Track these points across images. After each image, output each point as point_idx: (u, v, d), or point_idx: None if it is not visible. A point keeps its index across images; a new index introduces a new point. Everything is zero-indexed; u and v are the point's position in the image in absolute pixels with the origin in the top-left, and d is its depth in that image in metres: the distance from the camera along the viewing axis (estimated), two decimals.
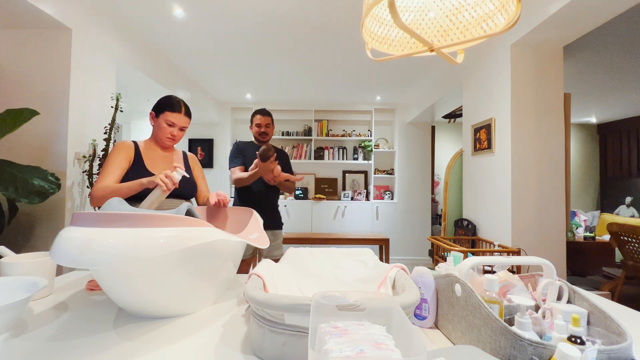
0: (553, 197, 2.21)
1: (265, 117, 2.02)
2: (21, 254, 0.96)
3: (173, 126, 1.28)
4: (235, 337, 0.66)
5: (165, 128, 1.27)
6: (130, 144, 1.27)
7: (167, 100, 1.29)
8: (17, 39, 1.90)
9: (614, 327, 0.54)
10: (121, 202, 0.87)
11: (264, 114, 2.02)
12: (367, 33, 0.89)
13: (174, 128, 1.29)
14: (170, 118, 1.27)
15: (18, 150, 1.86)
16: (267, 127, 2.02)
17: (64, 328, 0.70)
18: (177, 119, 1.28)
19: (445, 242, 2.49)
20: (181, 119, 1.29)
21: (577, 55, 2.83)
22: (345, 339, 0.42)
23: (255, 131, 2.02)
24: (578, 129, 5.57)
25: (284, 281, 0.81)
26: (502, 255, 2.25)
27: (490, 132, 2.45)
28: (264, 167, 1.71)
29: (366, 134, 4.87)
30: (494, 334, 0.53)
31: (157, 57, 2.89)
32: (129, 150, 1.24)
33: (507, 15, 0.74)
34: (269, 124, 2.03)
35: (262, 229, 1.04)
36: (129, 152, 1.24)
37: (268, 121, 2.03)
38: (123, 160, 1.21)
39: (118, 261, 0.59)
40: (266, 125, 2.02)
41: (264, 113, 2.03)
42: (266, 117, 2.02)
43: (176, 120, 1.28)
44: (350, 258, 0.92)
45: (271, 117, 2.06)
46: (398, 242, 4.63)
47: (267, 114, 2.04)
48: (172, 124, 1.28)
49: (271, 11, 2.26)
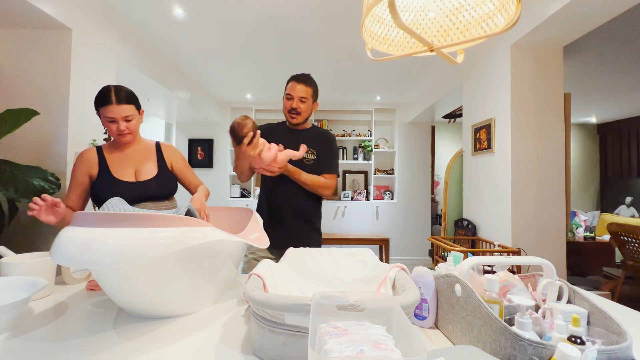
0: (553, 197, 2.21)
1: (301, 84, 1.41)
2: (21, 254, 0.96)
3: (114, 121, 1.12)
4: (235, 337, 0.66)
5: (108, 126, 1.13)
6: (92, 154, 1.18)
7: (98, 95, 1.12)
8: (17, 39, 1.90)
9: (614, 327, 0.54)
10: (121, 202, 0.87)
11: (300, 80, 1.42)
12: (367, 33, 0.89)
13: (117, 123, 1.12)
14: (105, 114, 1.10)
15: (18, 150, 1.86)
16: (301, 101, 1.41)
17: (64, 328, 0.70)
18: (112, 112, 1.10)
19: (445, 242, 2.49)
20: (116, 110, 1.10)
21: (577, 55, 2.83)
22: (345, 339, 0.42)
23: (285, 105, 1.44)
24: (578, 129, 5.57)
25: (284, 281, 0.81)
26: (502, 255, 2.25)
27: (490, 132, 2.45)
28: (239, 151, 1.23)
29: (366, 134, 4.87)
30: (494, 334, 0.53)
31: (157, 57, 2.89)
32: (90, 162, 1.17)
33: (507, 15, 0.74)
34: (304, 97, 1.41)
35: (262, 229, 1.04)
36: (89, 165, 1.16)
37: (304, 93, 1.41)
38: (81, 175, 1.16)
39: (118, 261, 0.59)
40: (301, 99, 1.41)
41: (301, 80, 1.42)
42: (303, 86, 1.41)
43: (112, 113, 1.10)
44: (350, 258, 0.91)
45: (313, 89, 1.45)
46: (398, 242, 4.63)
47: (307, 81, 1.43)
48: (112, 119, 1.11)
49: (271, 11, 2.26)
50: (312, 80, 1.47)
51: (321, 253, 0.93)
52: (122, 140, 1.17)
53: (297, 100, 1.40)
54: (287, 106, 1.43)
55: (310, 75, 1.48)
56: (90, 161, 1.17)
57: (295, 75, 1.45)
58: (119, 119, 1.12)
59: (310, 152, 1.45)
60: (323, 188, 1.43)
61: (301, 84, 1.41)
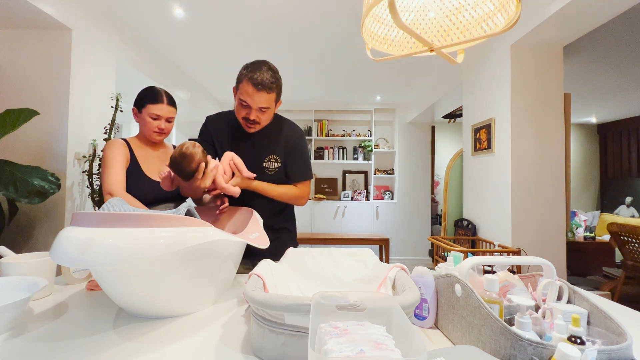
0: (553, 197, 2.21)
1: (262, 93, 1.05)
2: (21, 254, 0.96)
3: (158, 119, 1.18)
4: (235, 337, 0.66)
5: (150, 122, 1.18)
6: (123, 143, 1.18)
7: (148, 92, 1.19)
8: (17, 39, 1.90)
9: (614, 327, 0.54)
10: (121, 202, 0.87)
11: (260, 87, 1.04)
12: (367, 33, 0.89)
13: (160, 121, 1.18)
14: (153, 111, 1.16)
15: (18, 150, 1.86)
16: (261, 111, 1.09)
17: (64, 328, 0.70)
18: (161, 110, 1.17)
19: (445, 242, 2.49)
20: (165, 110, 1.18)
21: (577, 55, 2.83)
22: (345, 339, 0.42)
23: (239, 112, 1.12)
24: (578, 129, 5.57)
25: (284, 281, 0.81)
26: (502, 255, 2.25)
27: (490, 132, 2.45)
28: (188, 185, 1.01)
29: (366, 134, 4.87)
30: (494, 334, 0.53)
31: (157, 57, 2.89)
32: (125, 151, 1.17)
33: (507, 15, 0.74)
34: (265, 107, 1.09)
35: (262, 229, 1.04)
36: (125, 153, 1.16)
37: (266, 103, 1.07)
38: (123, 159, 1.14)
39: (118, 261, 0.59)
40: (260, 110, 1.09)
41: (262, 86, 1.04)
42: (265, 95, 1.06)
43: (160, 111, 1.17)
44: (350, 258, 0.91)
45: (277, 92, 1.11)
46: (398, 242, 4.63)
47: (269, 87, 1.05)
48: (157, 116, 1.17)
49: (271, 11, 2.26)
50: (276, 78, 1.09)
51: (321, 253, 0.93)
52: (157, 138, 1.22)
53: (255, 111, 1.08)
54: (241, 113, 1.11)
55: (272, 68, 1.09)
56: (125, 150, 1.17)
57: (252, 77, 1.04)
58: (164, 118, 1.19)
59: (273, 158, 1.20)
60: (297, 199, 1.23)
61: (262, 92, 1.05)
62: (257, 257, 0.92)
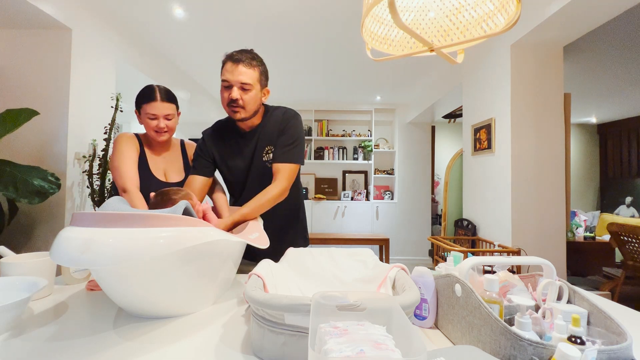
0: (553, 197, 2.21)
1: (240, 65, 1.04)
2: (21, 254, 0.96)
3: (156, 118, 1.14)
4: (235, 337, 0.66)
5: (148, 123, 1.15)
6: (136, 140, 1.17)
7: (143, 92, 1.15)
8: (17, 39, 1.90)
9: (614, 327, 0.54)
10: (121, 202, 0.87)
11: (238, 60, 1.05)
12: (367, 33, 0.89)
13: (158, 120, 1.14)
14: (149, 110, 1.13)
15: (18, 150, 1.86)
16: (243, 89, 1.06)
17: (64, 328, 0.70)
18: (156, 109, 1.13)
19: (445, 242, 2.49)
20: (160, 107, 1.13)
21: (577, 55, 2.83)
22: (345, 339, 0.42)
23: (223, 97, 1.10)
24: (578, 129, 5.57)
25: (284, 281, 0.81)
26: (502, 255, 2.25)
27: (490, 132, 2.45)
28: None
29: (366, 134, 4.87)
30: (494, 334, 0.53)
31: (157, 57, 2.89)
32: (135, 146, 1.16)
33: (507, 16, 0.74)
34: (247, 84, 1.05)
35: (262, 229, 1.04)
36: (135, 148, 1.15)
37: (247, 77, 1.05)
38: (134, 154, 1.13)
39: (118, 261, 0.59)
40: (242, 87, 1.05)
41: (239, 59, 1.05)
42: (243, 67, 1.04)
43: (155, 110, 1.12)
44: (350, 258, 0.91)
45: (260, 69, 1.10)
46: (398, 242, 4.63)
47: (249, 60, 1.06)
48: (154, 116, 1.13)
49: (271, 11, 2.26)
50: (257, 57, 1.09)
51: (321, 253, 0.93)
52: (160, 138, 1.17)
53: (237, 90, 1.05)
54: (225, 98, 1.08)
55: (253, 50, 1.10)
56: (136, 146, 1.16)
57: (231, 54, 1.06)
58: (161, 116, 1.14)
59: (270, 150, 1.17)
60: (278, 196, 1.09)
61: (240, 64, 1.03)
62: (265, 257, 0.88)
